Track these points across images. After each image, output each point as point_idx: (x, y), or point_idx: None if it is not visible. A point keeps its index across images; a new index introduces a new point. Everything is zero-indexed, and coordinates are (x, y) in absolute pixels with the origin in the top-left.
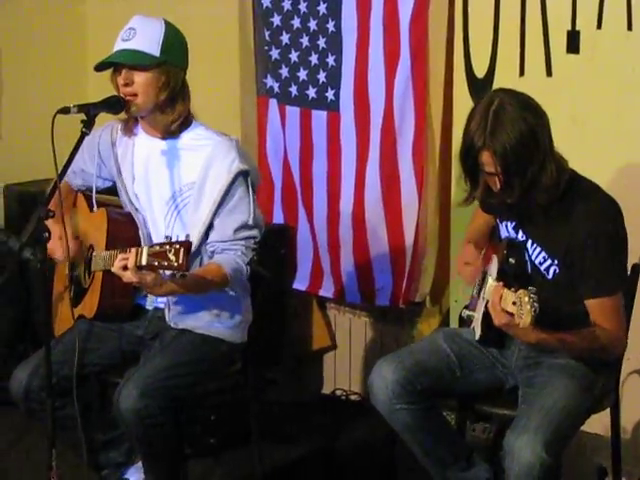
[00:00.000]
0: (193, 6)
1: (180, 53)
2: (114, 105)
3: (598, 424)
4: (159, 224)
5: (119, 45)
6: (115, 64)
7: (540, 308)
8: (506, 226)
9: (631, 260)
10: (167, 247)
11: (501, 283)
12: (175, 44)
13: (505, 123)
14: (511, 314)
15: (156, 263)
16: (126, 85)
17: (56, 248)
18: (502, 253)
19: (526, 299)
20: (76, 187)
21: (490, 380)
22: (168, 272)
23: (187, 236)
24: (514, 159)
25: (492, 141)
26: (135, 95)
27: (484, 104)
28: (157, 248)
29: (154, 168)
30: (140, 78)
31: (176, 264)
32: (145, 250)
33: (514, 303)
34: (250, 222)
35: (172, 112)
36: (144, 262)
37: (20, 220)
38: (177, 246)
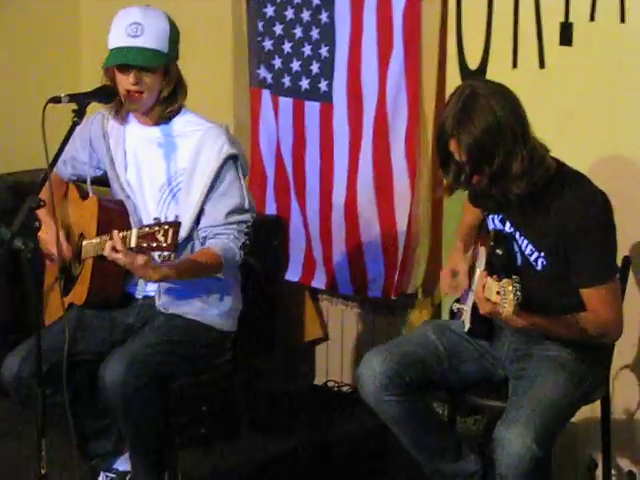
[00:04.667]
0: None
1: (177, 45)
2: (106, 95)
3: (589, 416)
4: (151, 211)
5: (126, 41)
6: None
7: (530, 299)
8: (492, 219)
9: (620, 253)
10: (156, 228)
11: (485, 272)
12: (175, 37)
13: (472, 113)
14: (495, 303)
15: (145, 244)
16: (135, 84)
17: (50, 243)
18: (489, 245)
19: (510, 288)
20: (66, 177)
21: (479, 372)
22: (157, 253)
23: (176, 217)
24: (479, 148)
25: (458, 130)
26: (141, 93)
27: (457, 93)
28: (146, 229)
29: (146, 155)
30: (150, 78)
31: (165, 244)
32: (134, 232)
33: (498, 293)
34: (245, 206)
35: (173, 103)
36: (133, 244)
37: (12, 210)
38: (166, 227)
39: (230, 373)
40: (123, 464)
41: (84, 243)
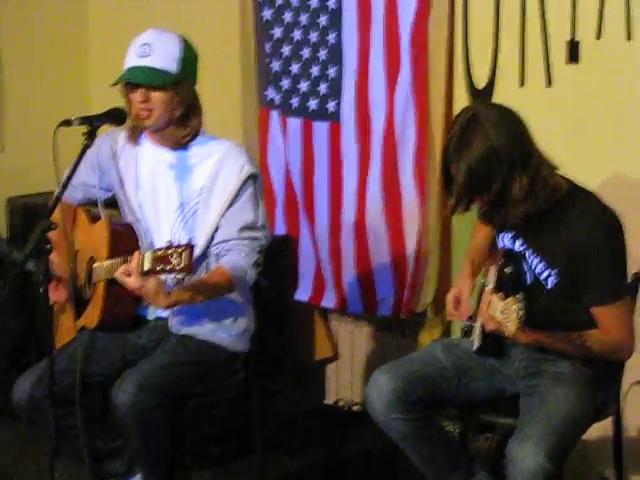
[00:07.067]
0: (194, 19)
1: (194, 68)
2: (116, 117)
3: (600, 432)
4: (164, 233)
5: (135, 61)
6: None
7: (539, 317)
8: (503, 237)
9: (631, 269)
10: (170, 251)
11: (491, 289)
12: (190, 60)
13: (470, 139)
14: (499, 321)
15: (159, 267)
16: (143, 102)
17: (60, 266)
18: (499, 263)
19: (514, 307)
20: (76, 201)
21: (490, 389)
22: (171, 275)
23: (190, 239)
24: (474, 174)
25: (456, 157)
26: (150, 111)
27: (460, 117)
28: (160, 252)
29: (162, 178)
30: (157, 96)
31: (179, 267)
32: (148, 255)
33: (502, 312)
34: (258, 224)
35: (186, 126)
36: (147, 267)
37: (23, 233)
38: (180, 249)
39: (243, 393)
40: None
41: (95, 266)
